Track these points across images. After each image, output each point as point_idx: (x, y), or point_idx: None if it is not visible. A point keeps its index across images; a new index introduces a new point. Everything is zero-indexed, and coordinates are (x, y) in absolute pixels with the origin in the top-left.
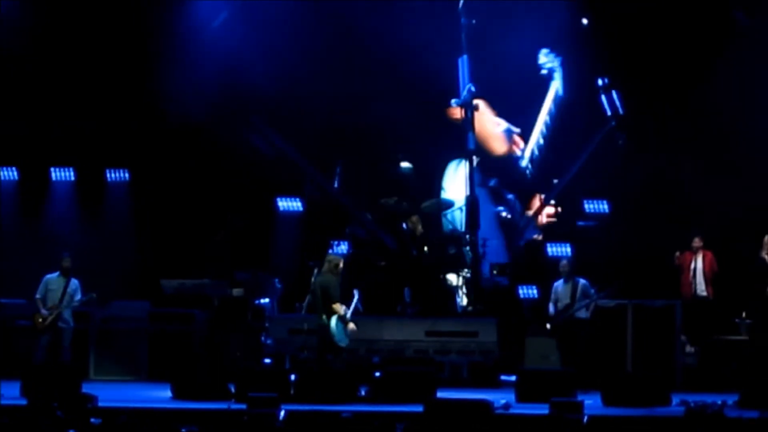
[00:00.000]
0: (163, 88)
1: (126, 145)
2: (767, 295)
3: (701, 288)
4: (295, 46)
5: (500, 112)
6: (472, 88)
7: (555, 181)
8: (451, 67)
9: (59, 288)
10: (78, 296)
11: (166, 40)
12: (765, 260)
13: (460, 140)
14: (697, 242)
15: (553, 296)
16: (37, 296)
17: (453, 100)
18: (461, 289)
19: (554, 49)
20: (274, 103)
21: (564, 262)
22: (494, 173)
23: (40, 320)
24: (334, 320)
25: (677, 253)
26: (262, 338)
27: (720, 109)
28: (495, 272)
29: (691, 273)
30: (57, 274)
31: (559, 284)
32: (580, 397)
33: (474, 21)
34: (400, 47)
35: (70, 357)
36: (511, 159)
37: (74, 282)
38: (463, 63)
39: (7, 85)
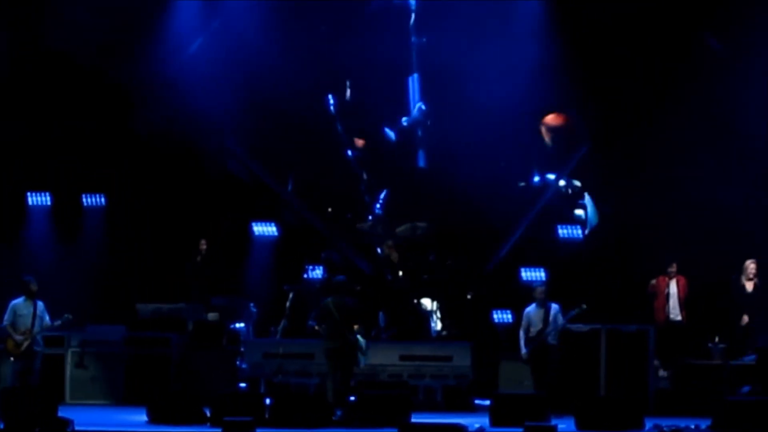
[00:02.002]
0: (140, 113)
1: (102, 171)
2: (744, 320)
3: (675, 312)
4: (268, 70)
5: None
6: (422, 107)
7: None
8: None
9: (29, 313)
10: (46, 317)
11: (142, 66)
12: (744, 286)
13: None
14: (673, 268)
15: (524, 322)
16: (5, 324)
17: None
18: (436, 313)
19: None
20: (249, 127)
21: (539, 288)
22: None
23: (14, 346)
24: (362, 339)
25: (653, 281)
26: (238, 362)
27: (692, 135)
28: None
29: (665, 298)
30: (23, 298)
31: (531, 310)
32: (554, 422)
33: (425, 39)
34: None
35: (38, 381)
36: None
37: (40, 305)
38: (414, 81)
39: None
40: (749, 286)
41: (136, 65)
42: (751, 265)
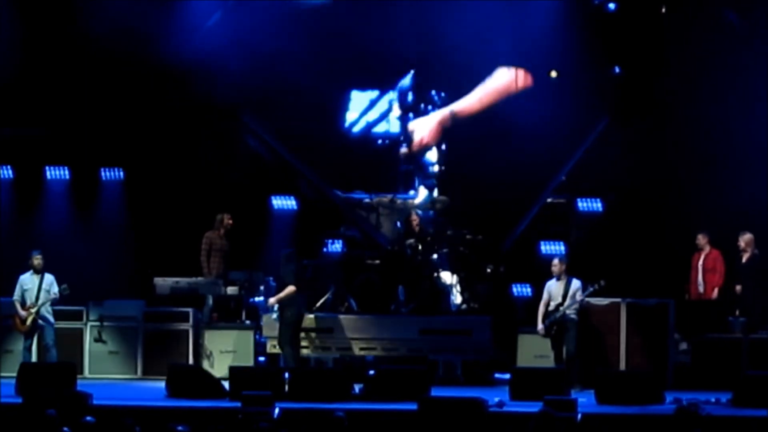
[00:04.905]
0: (157, 88)
1: (121, 144)
2: (737, 290)
3: (702, 288)
4: (287, 45)
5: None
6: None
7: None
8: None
9: (34, 286)
10: (54, 289)
11: (160, 39)
12: (741, 257)
13: None
14: (699, 240)
15: (545, 296)
16: (15, 298)
17: None
18: (455, 287)
19: None
20: (268, 102)
21: (555, 261)
22: None
23: (19, 322)
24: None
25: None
26: (257, 337)
27: (713, 109)
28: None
29: (698, 272)
30: (29, 273)
31: (551, 283)
32: (573, 395)
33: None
34: (387, 44)
35: (57, 356)
36: None
37: (48, 277)
38: None
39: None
40: (743, 257)
41: (154, 40)
42: (739, 239)
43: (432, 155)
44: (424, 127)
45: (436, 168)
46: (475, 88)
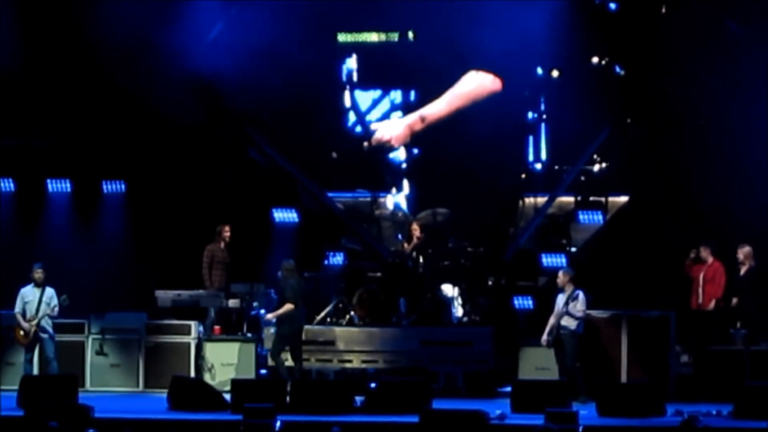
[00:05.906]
0: (159, 100)
1: (122, 157)
2: (733, 302)
3: (701, 298)
4: (290, 56)
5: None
6: None
7: None
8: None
9: (35, 299)
10: (54, 302)
11: (162, 51)
12: (739, 269)
13: None
14: (701, 252)
15: (555, 308)
16: (16, 310)
17: None
18: (456, 300)
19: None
20: (270, 102)
21: (560, 273)
22: None
23: (22, 334)
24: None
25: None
26: (258, 349)
27: (714, 119)
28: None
29: (699, 284)
30: (31, 285)
31: (559, 297)
32: (575, 408)
33: None
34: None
35: (58, 368)
36: None
37: (49, 290)
38: None
39: (2, 97)
40: (741, 270)
41: (156, 52)
42: (738, 252)
43: (400, 154)
44: (389, 129)
45: (401, 166)
46: (445, 93)
